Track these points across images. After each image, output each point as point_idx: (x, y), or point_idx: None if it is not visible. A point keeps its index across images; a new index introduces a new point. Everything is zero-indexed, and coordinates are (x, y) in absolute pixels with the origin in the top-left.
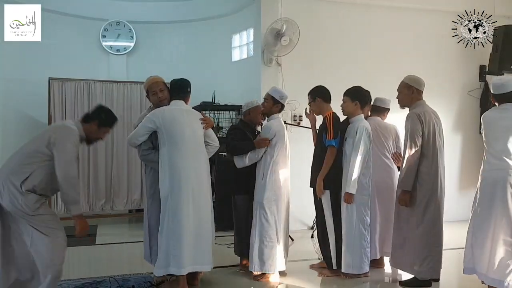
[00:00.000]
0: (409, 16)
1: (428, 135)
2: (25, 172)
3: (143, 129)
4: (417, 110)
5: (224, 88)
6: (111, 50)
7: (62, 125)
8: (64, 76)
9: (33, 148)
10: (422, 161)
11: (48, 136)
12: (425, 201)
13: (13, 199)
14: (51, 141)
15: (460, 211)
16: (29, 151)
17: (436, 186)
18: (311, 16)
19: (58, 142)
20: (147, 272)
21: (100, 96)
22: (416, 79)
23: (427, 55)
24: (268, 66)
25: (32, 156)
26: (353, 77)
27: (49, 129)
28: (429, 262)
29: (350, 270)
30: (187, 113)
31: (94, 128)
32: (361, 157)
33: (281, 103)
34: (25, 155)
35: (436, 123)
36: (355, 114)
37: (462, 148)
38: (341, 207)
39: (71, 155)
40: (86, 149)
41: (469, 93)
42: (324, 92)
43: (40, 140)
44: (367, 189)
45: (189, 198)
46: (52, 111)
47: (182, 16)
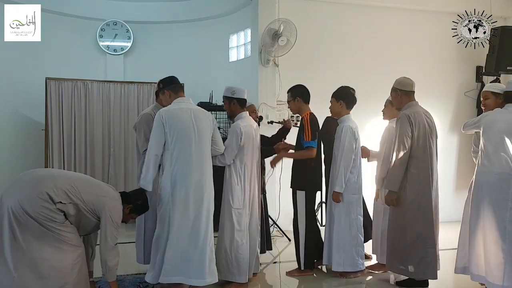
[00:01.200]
0: (406, 17)
1: (417, 136)
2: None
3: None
4: (407, 111)
5: (221, 88)
6: (108, 50)
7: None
8: (61, 76)
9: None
10: (412, 162)
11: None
12: (416, 202)
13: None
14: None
15: (456, 211)
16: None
17: (426, 187)
18: (308, 17)
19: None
20: (142, 273)
21: (97, 96)
22: (401, 81)
23: (423, 56)
24: (266, 66)
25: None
26: (350, 77)
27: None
28: (425, 263)
29: (341, 268)
30: (195, 112)
31: (126, 211)
32: (347, 156)
33: (235, 98)
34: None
35: (427, 124)
36: (342, 114)
37: (459, 148)
38: (331, 206)
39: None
40: (83, 150)
41: (466, 94)
42: (305, 93)
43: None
44: (356, 188)
45: (189, 207)
46: (49, 111)
47: (179, 16)
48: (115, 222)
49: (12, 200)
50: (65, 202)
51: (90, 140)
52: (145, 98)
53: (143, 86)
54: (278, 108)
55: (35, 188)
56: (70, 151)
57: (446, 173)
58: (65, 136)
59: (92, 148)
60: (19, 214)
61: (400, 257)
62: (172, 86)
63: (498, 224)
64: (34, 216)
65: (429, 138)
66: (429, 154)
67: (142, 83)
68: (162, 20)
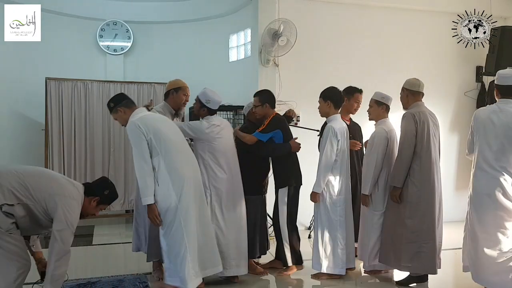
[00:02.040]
0: (406, 17)
1: (421, 134)
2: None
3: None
4: (413, 110)
5: (221, 88)
6: (108, 50)
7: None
8: (61, 76)
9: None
10: (415, 159)
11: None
12: (415, 198)
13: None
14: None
15: (456, 211)
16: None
17: (428, 184)
18: (308, 17)
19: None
20: (142, 272)
21: (97, 96)
22: (410, 81)
23: (423, 56)
24: (266, 66)
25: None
26: (350, 77)
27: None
28: (420, 258)
29: (319, 268)
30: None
31: (93, 204)
32: (328, 157)
33: (207, 108)
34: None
35: (433, 123)
36: (329, 114)
37: (459, 148)
38: (315, 206)
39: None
40: (83, 150)
41: (466, 94)
42: (273, 100)
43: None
44: (338, 189)
45: (196, 205)
46: (49, 111)
47: (179, 16)
48: (71, 225)
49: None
50: (11, 203)
51: (90, 140)
52: (145, 98)
53: (143, 86)
54: (278, 108)
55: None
56: (70, 151)
57: (446, 173)
58: (65, 136)
59: (92, 148)
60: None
61: (396, 252)
62: (123, 103)
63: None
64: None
65: (433, 137)
66: (432, 152)
67: (142, 83)
68: (162, 20)
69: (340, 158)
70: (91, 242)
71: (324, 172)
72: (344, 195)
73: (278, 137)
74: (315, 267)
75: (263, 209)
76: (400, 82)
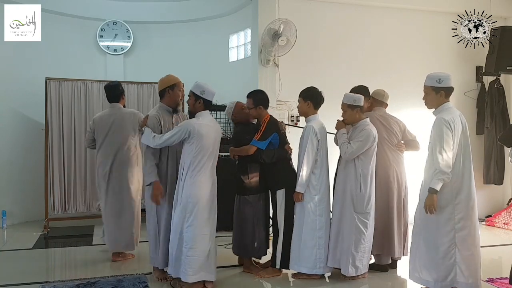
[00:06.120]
0: (406, 17)
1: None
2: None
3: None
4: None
5: (221, 88)
6: (108, 50)
7: None
8: (61, 76)
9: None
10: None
11: None
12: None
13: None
14: None
15: None
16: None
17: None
18: (308, 17)
19: None
20: (142, 273)
21: (97, 96)
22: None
23: (423, 56)
24: (266, 66)
25: None
26: (350, 77)
27: None
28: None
29: (297, 268)
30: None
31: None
32: (309, 156)
33: (203, 99)
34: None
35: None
36: (308, 114)
37: None
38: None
39: None
40: (83, 150)
41: (466, 94)
42: (267, 101)
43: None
44: (318, 189)
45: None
46: (49, 111)
47: (179, 16)
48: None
49: None
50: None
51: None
52: (145, 98)
53: (143, 86)
54: (278, 108)
55: None
56: (70, 151)
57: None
58: (65, 136)
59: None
60: None
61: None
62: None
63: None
64: None
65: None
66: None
67: (142, 83)
68: (162, 20)
69: (320, 158)
70: (91, 242)
71: (307, 172)
72: (324, 195)
73: (275, 140)
74: (294, 267)
75: (262, 208)
76: (400, 82)
